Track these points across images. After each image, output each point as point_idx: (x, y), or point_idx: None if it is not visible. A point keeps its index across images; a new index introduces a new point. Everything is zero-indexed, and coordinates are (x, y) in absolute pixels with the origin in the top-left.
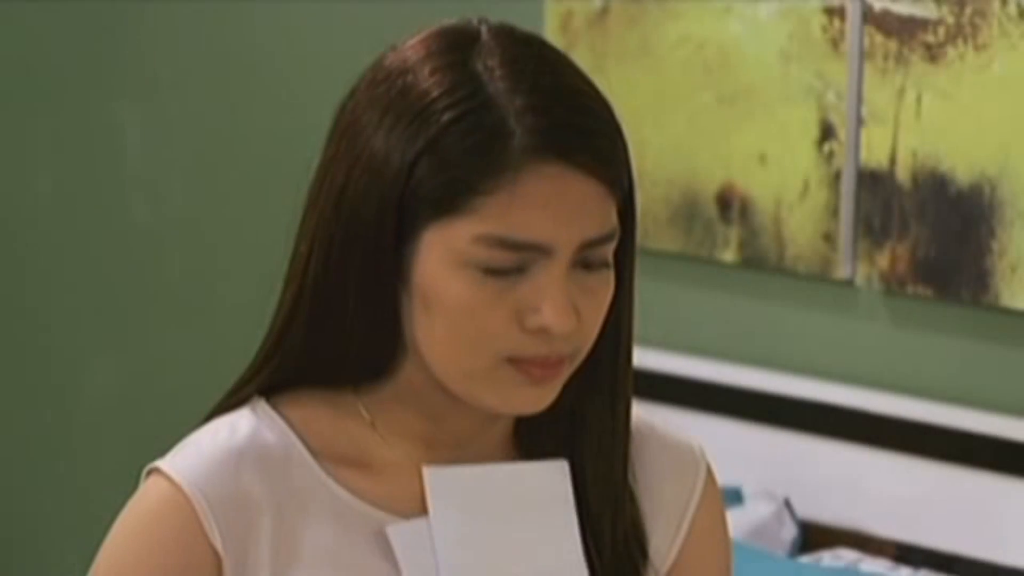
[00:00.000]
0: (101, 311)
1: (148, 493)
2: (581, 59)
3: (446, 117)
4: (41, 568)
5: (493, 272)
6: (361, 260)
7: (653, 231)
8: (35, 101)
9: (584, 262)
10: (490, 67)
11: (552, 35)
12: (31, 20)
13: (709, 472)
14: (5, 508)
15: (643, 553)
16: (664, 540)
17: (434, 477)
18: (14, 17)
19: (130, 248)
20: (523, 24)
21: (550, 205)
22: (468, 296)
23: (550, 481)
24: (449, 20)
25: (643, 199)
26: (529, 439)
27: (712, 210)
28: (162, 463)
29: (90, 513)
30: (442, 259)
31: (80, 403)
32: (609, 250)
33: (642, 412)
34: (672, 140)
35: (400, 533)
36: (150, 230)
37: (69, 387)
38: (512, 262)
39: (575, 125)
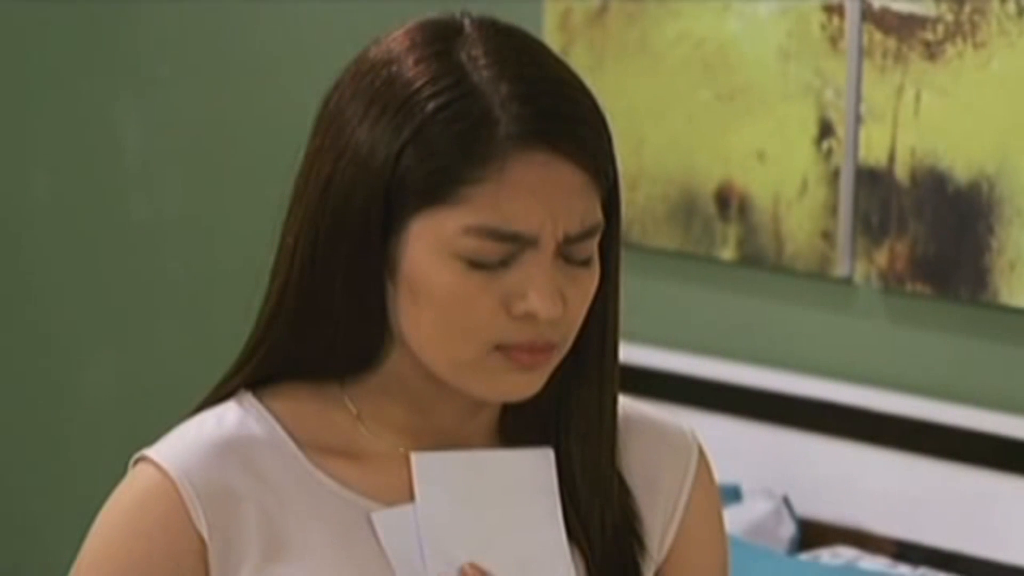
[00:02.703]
0: (99, 308)
1: (135, 480)
2: (579, 57)
3: (431, 106)
4: (38, 564)
5: (479, 266)
6: (348, 251)
7: (651, 229)
8: (33, 98)
9: (568, 256)
10: (474, 57)
11: (551, 33)
12: (29, 17)
13: (701, 454)
14: (3, 505)
15: (639, 543)
16: (660, 525)
17: (421, 462)
18: (11, 14)
19: (128, 245)
20: (522, 22)
21: (537, 193)
22: (456, 285)
23: (535, 468)
24: (432, 13)
25: (641, 197)
26: (514, 430)
27: (711, 208)
28: (149, 451)
29: (87, 509)
30: (430, 249)
31: (78, 399)
32: (593, 245)
33: (632, 400)
34: (671, 138)
35: (385, 519)
36: (148, 227)
37: (67, 383)
38: (499, 254)
39: (561, 113)
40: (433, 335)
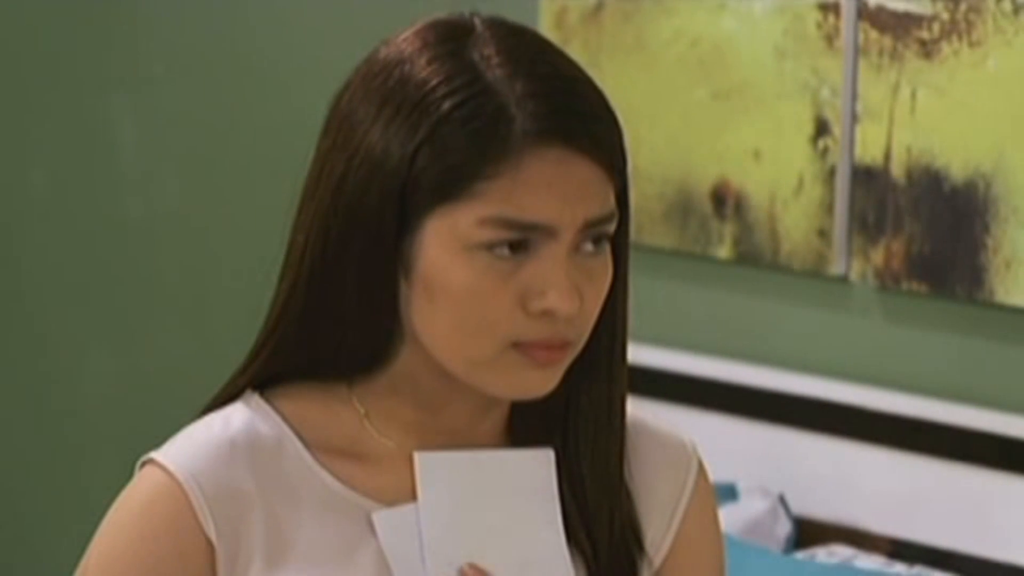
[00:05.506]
0: (96, 306)
1: (142, 482)
2: (575, 55)
3: (446, 105)
4: (38, 564)
5: (499, 247)
6: (360, 251)
7: (648, 227)
8: (29, 96)
9: (590, 240)
10: (487, 56)
11: (546, 31)
12: (24, 14)
13: (700, 466)
14: (2, 505)
15: (639, 545)
16: (657, 533)
17: (423, 461)
18: (6, 11)
19: (124, 243)
20: (518, 20)
21: (553, 187)
22: (472, 281)
23: (536, 469)
24: (441, 13)
25: (638, 195)
26: (523, 430)
27: (707, 206)
28: (156, 454)
29: (87, 509)
30: (446, 245)
31: (75, 397)
32: (611, 230)
33: (632, 408)
34: (667, 136)
35: (385, 519)
36: (144, 225)
37: (65, 382)
38: (515, 246)
39: (575, 110)
40: (449, 333)
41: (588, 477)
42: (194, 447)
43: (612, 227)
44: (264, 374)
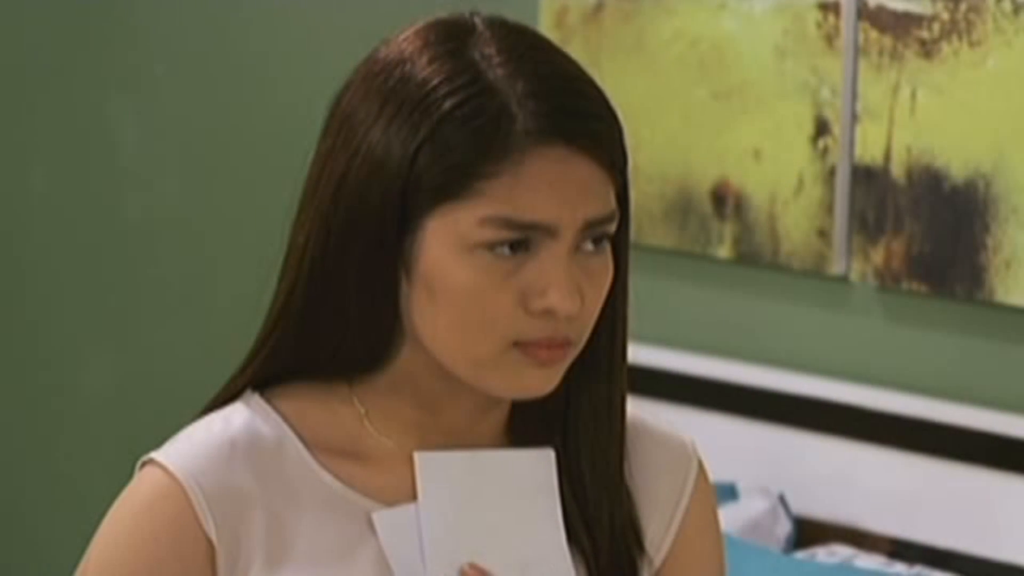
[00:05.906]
0: (95, 307)
1: (142, 483)
2: (575, 55)
3: (448, 104)
4: (37, 564)
5: (500, 246)
6: (361, 250)
7: (648, 227)
8: (29, 96)
9: (590, 240)
10: (488, 55)
11: (547, 31)
12: (24, 14)
13: (700, 466)
14: (2, 505)
15: (639, 545)
16: (658, 533)
17: (424, 462)
18: (7, 11)
19: (124, 244)
20: (518, 20)
21: (554, 186)
22: (474, 281)
23: (536, 469)
24: (442, 13)
25: (637, 195)
26: (524, 430)
27: (707, 206)
28: (156, 454)
29: (86, 509)
30: (448, 245)
31: (75, 399)
32: (612, 230)
33: (632, 408)
34: (667, 136)
35: (385, 519)
36: (144, 226)
37: (64, 383)
38: (516, 246)
39: (576, 109)
40: (451, 333)
41: (588, 477)
42: (194, 447)
43: (613, 227)
44: (264, 374)
